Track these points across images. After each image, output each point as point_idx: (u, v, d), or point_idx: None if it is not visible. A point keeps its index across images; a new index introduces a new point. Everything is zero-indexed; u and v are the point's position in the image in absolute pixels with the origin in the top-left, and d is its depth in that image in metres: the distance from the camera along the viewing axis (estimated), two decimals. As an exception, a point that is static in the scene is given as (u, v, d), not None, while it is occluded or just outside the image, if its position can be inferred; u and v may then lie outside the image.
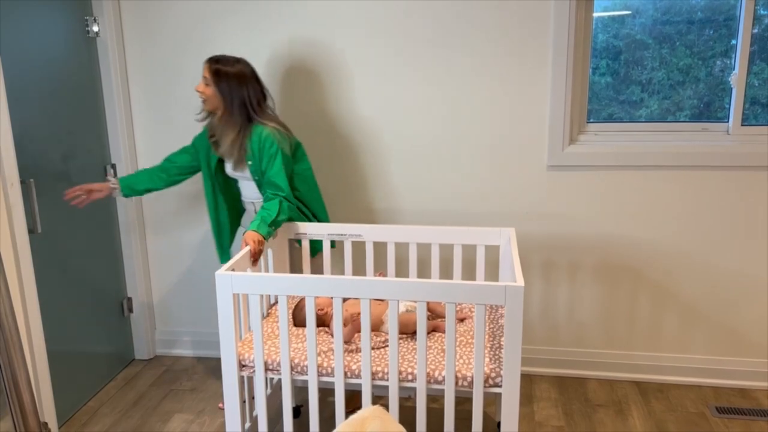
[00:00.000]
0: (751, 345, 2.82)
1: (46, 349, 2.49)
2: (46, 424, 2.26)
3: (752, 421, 2.60)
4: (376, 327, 2.23)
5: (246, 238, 2.24)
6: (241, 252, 2.19)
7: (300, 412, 2.71)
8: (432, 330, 2.27)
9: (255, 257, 2.25)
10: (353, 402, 2.53)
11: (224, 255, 2.66)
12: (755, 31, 2.63)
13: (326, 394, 2.83)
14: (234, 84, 2.37)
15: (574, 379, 2.96)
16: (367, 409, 1.80)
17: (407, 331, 2.20)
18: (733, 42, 2.66)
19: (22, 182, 2.39)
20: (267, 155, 2.37)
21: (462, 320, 2.37)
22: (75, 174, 2.75)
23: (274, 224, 2.31)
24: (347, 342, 2.14)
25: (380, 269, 2.94)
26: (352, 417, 1.77)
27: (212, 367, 3.15)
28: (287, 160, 2.43)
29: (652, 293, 2.84)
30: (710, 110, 2.74)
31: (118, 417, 2.74)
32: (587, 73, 2.76)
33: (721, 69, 2.70)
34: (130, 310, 3.18)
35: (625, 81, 2.77)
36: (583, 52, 2.72)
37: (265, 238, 2.27)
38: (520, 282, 1.88)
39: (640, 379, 2.92)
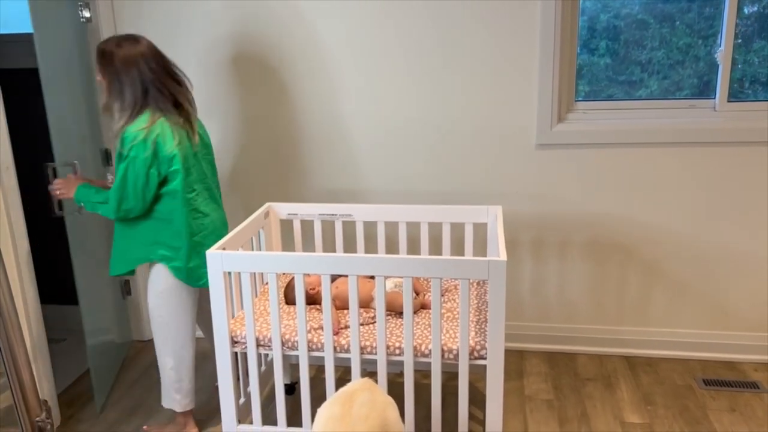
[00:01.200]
0: (738, 319, 2.87)
1: (47, 330, 2.55)
2: (45, 401, 2.32)
3: (738, 393, 2.65)
4: (366, 304, 2.28)
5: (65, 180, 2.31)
6: (233, 231, 2.23)
7: (294, 389, 2.77)
8: (420, 308, 2.32)
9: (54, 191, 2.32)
10: None
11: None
12: (754, 9, 2.64)
13: (321, 371, 2.89)
14: (120, 67, 2.17)
15: (564, 355, 3.01)
16: (356, 381, 1.85)
17: (395, 310, 2.25)
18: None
19: (45, 167, 2.43)
20: (121, 156, 2.17)
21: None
22: (75, 159, 2.78)
23: (89, 203, 2.27)
24: (335, 326, 2.18)
25: (370, 248, 2.98)
26: (342, 390, 1.82)
27: (209, 347, 3.20)
28: (137, 170, 2.14)
29: (641, 269, 2.88)
30: (709, 89, 2.76)
31: (117, 396, 2.80)
32: (575, 50, 2.78)
33: (720, 47, 2.71)
34: (128, 292, 3.23)
35: (624, 61, 2.78)
36: (571, 29, 2.74)
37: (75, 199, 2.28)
38: (503, 257, 1.92)
39: (629, 354, 2.97)
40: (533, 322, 3.03)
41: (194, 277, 2.31)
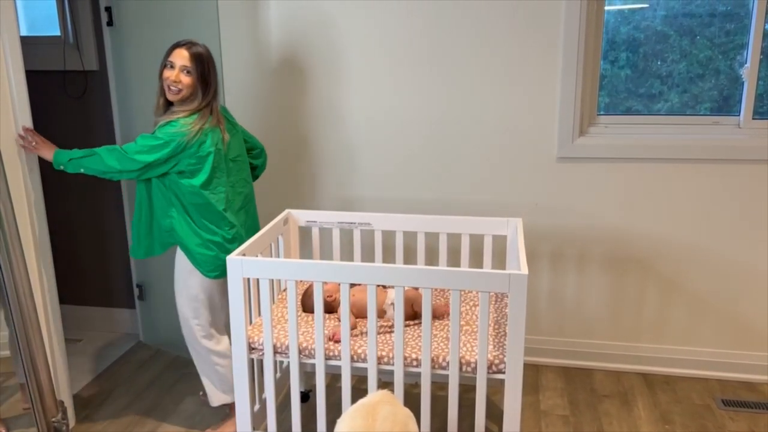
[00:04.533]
0: (758, 338, 2.82)
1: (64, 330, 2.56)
2: (62, 402, 2.32)
3: (758, 414, 2.61)
4: (379, 314, 2.26)
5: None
6: (253, 237, 2.24)
7: (309, 396, 2.76)
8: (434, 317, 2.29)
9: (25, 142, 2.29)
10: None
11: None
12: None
13: (335, 379, 2.88)
14: (211, 73, 2.29)
15: (580, 370, 2.98)
16: (376, 393, 1.84)
17: (408, 311, 2.23)
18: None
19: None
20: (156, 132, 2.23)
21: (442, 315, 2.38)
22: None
23: (77, 163, 2.23)
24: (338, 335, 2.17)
25: (388, 257, 2.97)
26: (361, 401, 1.81)
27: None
28: (162, 152, 2.20)
29: (660, 285, 2.85)
30: (729, 104, 2.74)
31: (133, 398, 2.81)
32: (598, 64, 2.77)
33: (740, 63, 2.69)
34: (141, 297, 3.24)
35: (644, 74, 2.77)
36: (595, 43, 2.73)
37: (53, 163, 2.24)
38: (524, 270, 1.91)
39: (647, 371, 2.93)
40: (550, 336, 3.01)
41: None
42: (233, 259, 2.07)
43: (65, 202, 3.27)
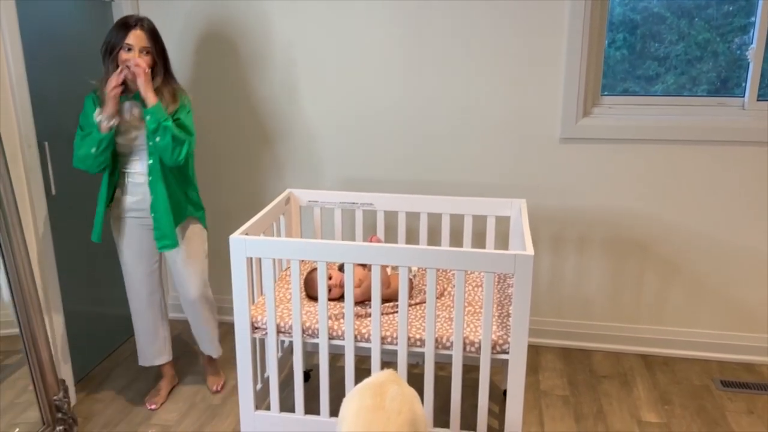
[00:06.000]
0: (757, 320, 2.84)
1: (63, 310, 2.55)
2: (63, 381, 2.32)
3: (756, 395, 2.63)
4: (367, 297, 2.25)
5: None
6: (255, 217, 2.22)
7: (309, 376, 2.76)
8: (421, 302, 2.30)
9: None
10: None
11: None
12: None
13: (335, 359, 2.88)
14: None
15: (580, 351, 2.99)
16: (382, 373, 1.83)
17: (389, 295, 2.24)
18: (753, 17, 2.62)
19: (38, 145, 2.42)
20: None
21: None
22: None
23: (161, 127, 2.19)
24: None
25: (390, 238, 2.96)
26: (368, 380, 1.80)
27: (224, 332, 3.20)
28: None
29: (660, 267, 2.85)
30: (727, 86, 2.72)
31: (133, 377, 2.81)
32: (603, 45, 2.74)
33: (739, 45, 2.67)
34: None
35: (641, 55, 2.74)
36: (600, 24, 2.69)
37: (144, 111, 2.21)
38: (530, 251, 1.90)
39: (646, 352, 2.95)
40: (549, 318, 3.01)
41: None
42: (236, 239, 2.05)
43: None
